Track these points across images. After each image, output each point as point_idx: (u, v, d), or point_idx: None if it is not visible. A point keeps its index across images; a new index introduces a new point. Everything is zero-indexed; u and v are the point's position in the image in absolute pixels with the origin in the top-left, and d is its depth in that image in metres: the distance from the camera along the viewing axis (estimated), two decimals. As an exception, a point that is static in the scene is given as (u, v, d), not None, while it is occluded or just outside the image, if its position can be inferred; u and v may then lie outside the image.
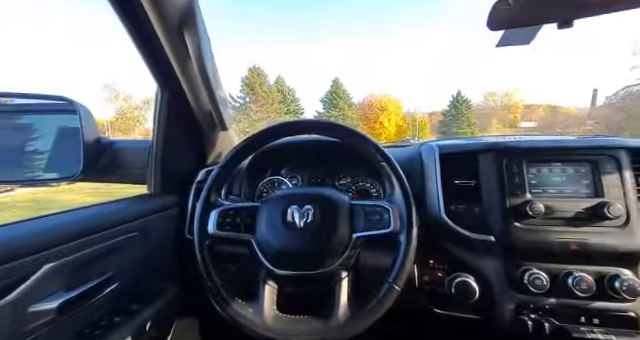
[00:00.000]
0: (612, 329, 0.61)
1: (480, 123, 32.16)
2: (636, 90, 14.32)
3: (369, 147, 0.63)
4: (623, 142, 0.69)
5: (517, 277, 0.66)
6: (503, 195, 0.69)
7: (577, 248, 0.63)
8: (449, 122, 31.59)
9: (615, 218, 0.62)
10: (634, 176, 0.67)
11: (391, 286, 0.53)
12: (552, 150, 0.70)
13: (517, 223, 0.67)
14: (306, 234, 0.57)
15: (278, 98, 30.75)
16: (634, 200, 0.64)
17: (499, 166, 0.71)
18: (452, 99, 31.95)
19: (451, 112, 31.85)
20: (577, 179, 0.68)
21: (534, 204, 0.65)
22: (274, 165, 1.00)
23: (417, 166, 0.83)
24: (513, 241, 0.67)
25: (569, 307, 0.64)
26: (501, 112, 35.17)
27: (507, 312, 0.66)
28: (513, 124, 32.60)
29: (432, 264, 0.75)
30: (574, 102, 33.11)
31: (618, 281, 0.61)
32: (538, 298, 0.65)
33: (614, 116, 15.52)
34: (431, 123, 37.36)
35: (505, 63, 56.28)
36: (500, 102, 35.69)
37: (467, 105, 31.61)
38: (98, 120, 18.49)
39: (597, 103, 21.61)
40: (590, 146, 0.69)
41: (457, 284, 0.68)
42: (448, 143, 0.81)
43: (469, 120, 30.89)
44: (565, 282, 0.63)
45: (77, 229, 0.54)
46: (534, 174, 0.70)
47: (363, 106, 33.23)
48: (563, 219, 0.66)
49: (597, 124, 16.95)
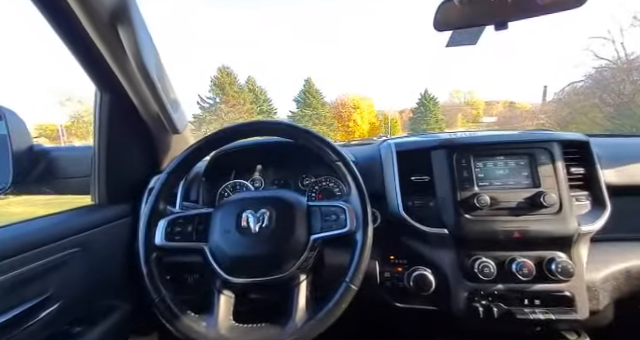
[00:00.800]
0: (551, 308, 0.67)
1: (447, 119, 33.88)
2: (579, 86, 15.86)
3: (323, 146, 0.63)
4: (555, 136, 0.75)
5: (469, 266, 0.69)
6: (454, 189, 0.72)
7: (519, 236, 0.68)
8: (419, 119, 32.89)
9: (550, 206, 0.68)
10: (565, 167, 0.73)
11: (348, 286, 0.53)
12: (495, 145, 0.75)
13: (467, 215, 0.70)
14: (261, 239, 0.56)
15: (250, 98, 30.09)
16: (566, 189, 0.70)
17: (449, 161, 0.74)
18: (420, 97, 33.28)
19: (420, 110, 33.17)
20: (518, 171, 0.73)
21: (481, 196, 0.69)
22: (236, 168, 0.97)
23: (377, 164, 0.85)
24: (464, 232, 0.70)
25: (514, 291, 0.68)
26: (465, 108, 37.30)
27: (461, 300, 0.69)
28: (476, 119, 34.71)
29: (393, 259, 0.77)
30: (529, 98, 35.94)
31: (554, 264, 0.66)
32: (487, 285, 0.69)
33: (561, 111, 17.07)
34: (402, 120, 38.70)
35: (468, 62, 59.67)
36: (464, 99, 37.84)
37: (434, 102, 33.10)
38: (48, 125, 17.10)
39: (548, 98, 23.59)
40: (527, 140, 0.75)
41: (415, 277, 0.71)
42: (404, 141, 0.83)
43: (437, 117, 32.38)
44: (510, 268, 0.67)
45: (9, 246, 0.49)
46: (480, 168, 0.74)
47: (336, 105, 33.56)
48: (507, 209, 0.70)
49: (548, 118, 18.53)
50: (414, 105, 34.42)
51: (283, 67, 62.30)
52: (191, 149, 0.62)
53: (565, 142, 0.74)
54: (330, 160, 0.63)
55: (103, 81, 0.68)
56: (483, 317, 0.67)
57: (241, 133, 0.64)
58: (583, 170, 0.73)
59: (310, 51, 65.35)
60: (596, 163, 0.74)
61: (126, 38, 0.57)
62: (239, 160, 0.95)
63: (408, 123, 35.70)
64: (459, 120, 35.85)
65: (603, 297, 0.68)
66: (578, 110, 15.20)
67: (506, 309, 0.67)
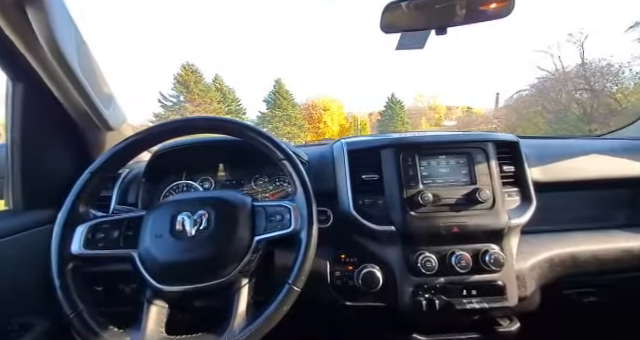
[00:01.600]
0: (486, 297, 0.71)
1: (412, 122, 35.54)
2: (525, 94, 17.60)
3: (269, 145, 0.61)
4: (490, 136, 0.81)
5: (413, 262, 0.71)
6: (400, 187, 0.74)
7: (458, 230, 0.72)
8: (386, 121, 34.11)
9: (485, 201, 0.72)
10: (499, 165, 0.79)
11: (290, 287, 0.52)
12: (438, 144, 0.79)
13: (412, 212, 0.73)
14: (199, 242, 0.53)
15: (217, 97, 28.99)
16: (498, 185, 0.75)
17: (397, 160, 0.76)
18: (387, 100, 34.58)
19: (387, 112, 34.44)
20: (458, 169, 0.77)
21: (424, 193, 0.72)
22: (182, 168, 0.91)
23: (329, 163, 0.85)
24: (410, 229, 0.73)
25: (454, 283, 0.72)
26: (429, 112, 39.44)
27: (406, 295, 0.71)
28: (438, 123, 36.85)
29: (344, 258, 0.77)
30: (484, 104, 39.08)
31: (488, 255, 0.70)
32: (430, 279, 0.71)
33: (511, 116, 18.78)
34: (371, 122, 39.83)
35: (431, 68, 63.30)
36: (427, 103, 40.01)
37: (400, 106, 34.58)
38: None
39: (499, 105, 25.77)
40: (465, 140, 0.80)
41: (363, 275, 0.71)
42: (355, 140, 0.85)
43: (403, 120, 33.84)
44: (450, 261, 0.71)
45: None
46: (425, 166, 0.77)
47: (307, 106, 33.62)
48: (448, 205, 0.74)
49: (500, 122, 20.27)
50: (382, 108, 35.69)
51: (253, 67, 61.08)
52: (118, 148, 0.57)
53: (498, 142, 0.80)
54: (277, 159, 0.61)
55: (15, 69, 0.60)
56: (426, 310, 0.69)
57: (175, 131, 0.60)
58: (513, 168, 0.80)
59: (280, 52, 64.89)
60: (524, 162, 0.80)
61: (36, 21, 0.50)
62: (188, 159, 0.90)
63: (377, 125, 36.85)
64: (423, 123, 37.81)
65: (530, 284, 0.74)
66: (524, 116, 16.83)
67: (447, 301, 0.70)
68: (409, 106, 38.02)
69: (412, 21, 0.75)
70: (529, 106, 16.92)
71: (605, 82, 13.55)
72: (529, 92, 17.31)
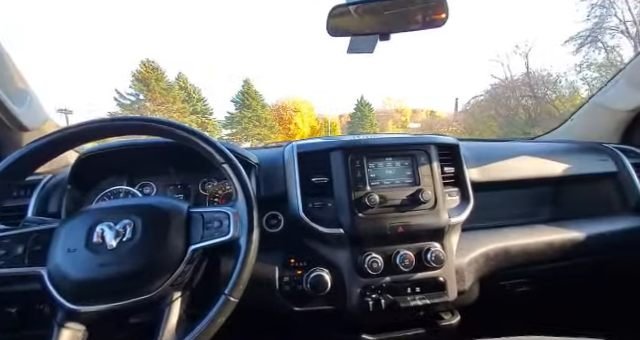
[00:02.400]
0: (428, 293, 0.74)
1: (380, 124, 36.77)
2: (480, 100, 19.09)
3: (208, 147, 0.58)
4: (432, 139, 0.85)
5: (361, 263, 0.72)
6: (349, 189, 0.75)
7: (403, 230, 0.74)
8: (356, 123, 34.91)
9: (427, 202, 0.76)
10: (440, 166, 0.83)
11: (226, 298, 0.49)
12: (385, 147, 0.81)
13: (360, 214, 0.74)
14: (121, 255, 0.48)
15: (181, 97, 27.54)
16: (440, 186, 0.79)
17: (345, 163, 0.77)
18: (357, 103, 35.43)
19: (357, 114, 35.27)
20: (403, 171, 0.80)
21: (371, 195, 0.73)
22: (121, 172, 0.84)
23: (280, 166, 0.83)
24: (358, 231, 0.73)
25: (399, 282, 0.74)
26: (396, 115, 41.08)
27: (354, 297, 0.72)
28: (404, 125, 38.52)
29: (293, 263, 0.76)
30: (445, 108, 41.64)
31: (430, 253, 0.74)
32: (377, 279, 0.73)
33: (469, 120, 20.25)
34: (341, 124, 40.50)
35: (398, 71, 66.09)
36: (395, 106, 41.67)
37: (369, 108, 35.63)
38: None
39: (459, 109, 27.64)
40: (410, 143, 0.83)
41: (312, 279, 0.71)
42: (306, 142, 0.84)
43: (372, 122, 34.89)
44: (395, 261, 0.73)
45: None
46: (372, 168, 0.78)
47: (277, 107, 33.28)
48: (393, 206, 0.76)
49: (459, 125, 21.73)
50: (352, 110, 36.45)
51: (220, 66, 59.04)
52: (27, 150, 0.50)
53: (440, 145, 0.84)
54: (216, 162, 0.58)
55: None
56: (373, 310, 0.71)
57: (99, 131, 0.54)
58: (453, 169, 0.84)
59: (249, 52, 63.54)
60: (463, 163, 0.85)
61: None
62: (126, 162, 0.83)
63: (347, 127, 37.58)
64: (390, 125, 39.32)
65: (468, 278, 0.79)
66: (480, 120, 18.23)
67: (392, 299, 0.72)
68: (378, 109, 39.30)
69: (356, 26, 0.76)
70: (484, 110, 18.37)
71: (546, 90, 15.18)
72: (484, 97, 18.81)
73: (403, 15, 0.75)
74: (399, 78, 63.12)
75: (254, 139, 28.74)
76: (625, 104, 0.97)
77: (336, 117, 41.29)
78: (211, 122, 29.60)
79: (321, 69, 67.75)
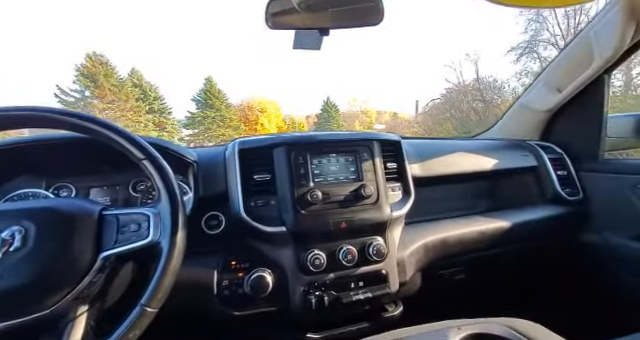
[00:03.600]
0: (371, 287, 0.76)
1: (347, 125, 37.54)
2: (437, 103, 20.40)
3: (124, 142, 0.52)
4: (375, 135, 0.87)
5: (304, 261, 0.71)
6: (292, 186, 0.74)
7: (346, 226, 0.74)
8: (323, 124, 35.23)
9: (369, 197, 0.77)
10: (383, 162, 0.85)
11: (142, 309, 0.44)
12: (329, 143, 0.81)
13: (303, 211, 0.73)
14: (7, 268, 0.41)
15: (135, 94, 25.45)
16: (382, 181, 0.81)
17: (288, 159, 0.75)
18: (323, 103, 35.79)
19: (324, 115, 35.62)
20: (347, 167, 0.80)
21: (314, 192, 0.72)
22: (32, 172, 0.74)
23: (221, 164, 0.80)
24: (300, 228, 0.72)
25: (342, 277, 0.74)
26: (361, 116, 42.26)
27: (298, 295, 0.71)
28: (369, 126, 39.77)
29: (234, 265, 0.72)
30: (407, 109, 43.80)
31: (372, 247, 0.75)
32: (320, 276, 0.72)
33: (428, 121, 21.52)
34: (308, 125, 40.61)
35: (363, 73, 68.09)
36: (360, 107, 42.85)
37: (336, 109, 36.18)
38: None
39: (419, 111, 29.27)
40: (353, 139, 0.84)
41: (252, 281, 0.68)
42: (248, 139, 0.81)
43: (338, 122, 35.47)
44: (338, 256, 0.73)
45: None
46: (316, 165, 0.78)
47: (242, 108, 32.36)
48: (337, 202, 0.76)
49: (419, 127, 23.00)
50: (318, 111, 36.74)
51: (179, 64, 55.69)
52: None
53: (383, 141, 0.86)
54: (136, 158, 0.53)
55: None
56: (315, 308, 0.70)
57: None
58: (396, 165, 0.87)
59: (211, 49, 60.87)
60: (405, 159, 0.89)
61: None
62: (40, 160, 0.72)
63: (314, 128, 37.77)
64: (357, 126, 40.36)
65: (409, 270, 0.82)
66: (437, 121, 19.48)
67: (336, 296, 0.72)
68: (344, 110, 40.07)
69: (295, 20, 0.75)
70: (441, 113, 19.66)
71: (493, 94, 16.71)
72: (440, 101, 20.13)
73: (342, 12, 0.76)
74: (363, 80, 65.10)
75: (218, 140, 27.59)
76: (543, 105, 1.09)
77: (303, 118, 41.35)
78: (170, 122, 27.81)
79: (288, 69, 67.32)
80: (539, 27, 15.66)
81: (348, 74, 65.73)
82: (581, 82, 0.95)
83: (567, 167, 1.07)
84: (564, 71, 1.00)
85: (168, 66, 50.07)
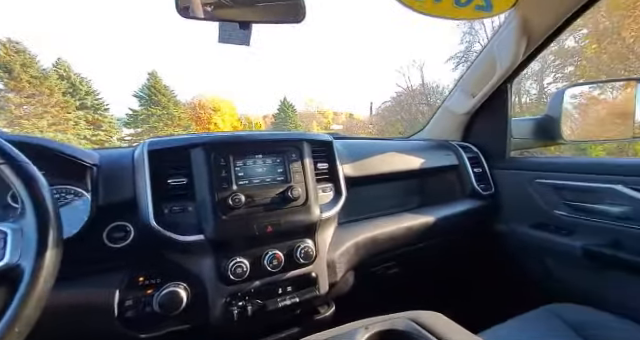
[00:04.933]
0: (299, 291, 0.74)
1: (304, 125, 37.66)
2: (389, 105, 21.64)
3: None
4: (305, 136, 0.85)
5: (225, 270, 0.67)
6: (212, 190, 0.68)
7: (272, 229, 0.72)
8: (280, 124, 34.81)
9: (297, 199, 0.75)
10: (313, 163, 0.84)
11: None
12: (253, 144, 0.77)
13: (224, 216, 0.68)
14: None
15: (62, 87, 22.20)
16: (312, 182, 0.80)
17: (208, 161, 0.70)
18: (280, 103, 35.39)
19: (281, 115, 35.23)
20: (274, 168, 0.78)
21: (237, 195, 0.68)
22: None
23: (128, 168, 0.70)
24: (221, 235, 0.67)
25: (269, 284, 0.71)
26: (318, 116, 42.77)
27: (219, 308, 0.66)
28: (327, 127, 40.49)
29: (142, 281, 0.64)
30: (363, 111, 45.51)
31: (299, 250, 0.73)
32: (243, 285, 0.68)
33: (381, 122, 22.67)
34: (266, 125, 39.80)
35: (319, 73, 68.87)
36: (317, 108, 43.33)
37: (293, 109, 36.04)
38: None
39: (373, 112, 30.66)
40: (281, 139, 0.81)
41: (162, 297, 0.61)
42: (160, 139, 0.73)
43: (295, 123, 35.38)
44: (263, 263, 0.70)
45: None
46: (241, 167, 0.74)
47: (193, 106, 30.41)
48: (263, 205, 0.73)
49: (374, 127, 24.10)
50: (275, 111, 36.20)
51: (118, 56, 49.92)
52: None
53: (313, 142, 0.86)
54: None
55: None
56: (238, 319, 0.66)
57: None
58: (327, 165, 0.87)
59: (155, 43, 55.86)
60: (336, 160, 0.89)
61: None
62: None
63: (271, 128, 37.09)
64: (314, 127, 40.73)
65: (340, 270, 0.83)
66: (390, 123, 20.64)
67: (260, 304, 0.69)
68: (301, 110, 40.17)
69: (213, 10, 0.70)
70: (392, 115, 20.87)
71: (436, 99, 18.23)
72: (391, 103, 21.36)
73: (262, 7, 0.73)
74: (320, 81, 66.01)
75: (166, 140, 25.40)
76: (461, 108, 1.20)
77: (260, 117, 40.43)
78: (107, 119, 24.83)
79: (244, 68, 65.07)
80: (472, 39, 17.56)
81: (305, 75, 66.00)
82: (488, 89, 1.07)
83: (482, 165, 1.19)
84: (475, 79, 1.11)
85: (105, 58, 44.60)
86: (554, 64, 11.94)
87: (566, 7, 0.82)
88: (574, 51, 11.09)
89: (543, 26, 0.87)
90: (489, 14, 0.89)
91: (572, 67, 11.19)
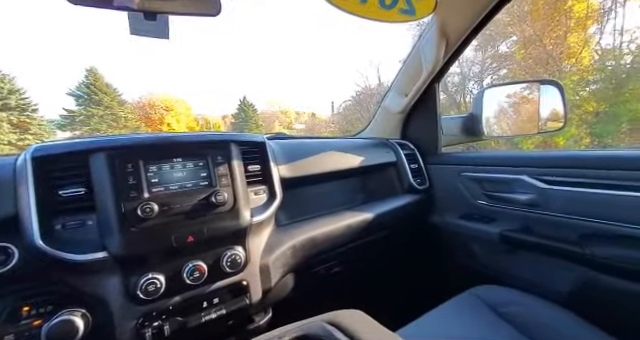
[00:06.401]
0: (228, 302, 0.70)
1: (266, 125, 36.94)
2: (349, 104, 22.19)
3: None
4: (232, 137, 0.81)
5: (135, 289, 0.60)
6: (117, 200, 0.61)
7: (193, 239, 0.66)
8: (240, 124, 33.69)
9: (223, 204, 0.70)
10: (244, 165, 0.80)
11: None
12: (171, 146, 0.71)
13: (133, 228, 0.61)
14: None
15: (-26, 84, 18.93)
16: (241, 186, 0.76)
17: (111, 167, 0.62)
18: (240, 103, 34.24)
19: (241, 115, 34.10)
20: (197, 172, 0.72)
21: (147, 204, 0.61)
22: None
23: (9, 179, 0.59)
24: (129, 250, 0.60)
25: (191, 298, 0.66)
26: (281, 116, 42.27)
27: (128, 333, 0.59)
28: (289, 126, 40.22)
29: (28, 311, 0.55)
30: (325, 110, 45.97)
31: (225, 258, 0.69)
32: (159, 303, 0.62)
33: (342, 121, 23.15)
34: (225, 125, 38.26)
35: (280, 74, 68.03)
36: (279, 108, 42.79)
37: (253, 109, 35.13)
38: None
39: (335, 111, 31.17)
40: (204, 141, 0.76)
41: (52, 329, 0.53)
42: (49, 144, 0.63)
43: (257, 123, 34.54)
44: (182, 276, 0.64)
45: None
46: (155, 172, 0.67)
47: (142, 105, 28.02)
48: (182, 213, 0.66)
49: (335, 126, 24.52)
50: (235, 111, 34.94)
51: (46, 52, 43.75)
52: None
53: (242, 143, 0.81)
54: None
55: None
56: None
57: None
58: (259, 167, 0.84)
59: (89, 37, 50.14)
60: (270, 160, 0.86)
61: None
62: None
63: (231, 128, 35.74)
64: (277, 126, 40.14)
65: (275, 274, 0.80)
66: (350, 122, 21.17)
67: (181, 321, 0.63)
68: (262, 110, 39.35)
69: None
70: (353, 114, 21.43)
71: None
72: (351, 102, 21.92)
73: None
74: (281, 81, 65.24)
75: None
76: (396, 107, 1.25)
77: (219, 118, 38.73)
78: (36, 121, 21.76)
79: (199, 66, 61.52)
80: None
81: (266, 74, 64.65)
82: (417, 89, 1.13)
83: (418, 161, 1.25)
84: (407, 79, 1.17)
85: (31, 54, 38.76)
86: (492, 67, 13.28)
87: (476, 12, 0.89)
88: (507, 55, 12.46)
89: (459, 29, 0.94)
90: (413, 18, 0.93)
91: (505, 70, 12.54)
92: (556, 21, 10.18)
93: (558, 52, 9.84)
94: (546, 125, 1.18)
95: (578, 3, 9.88)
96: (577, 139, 8.26)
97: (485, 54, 13.44)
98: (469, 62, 13.81)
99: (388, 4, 0.88)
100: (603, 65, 8.85)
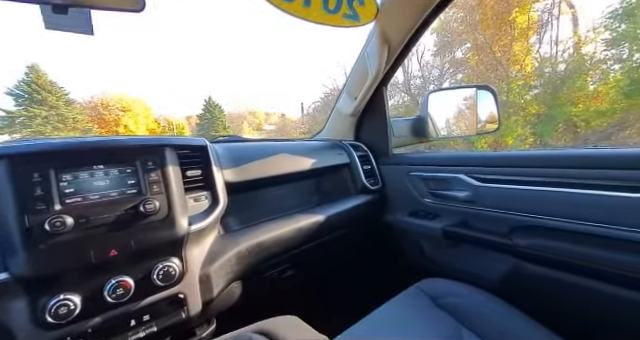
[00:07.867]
0: (160, 319, 0.65)
1: (234, 126, 35.89)
2: (318, 105, 22.36)
3: None
4: (167, 140, 0.76)
5: (43, 313, 0.53)
6: (20, 214, 0.53)
7: (117, 253, 0.60)
8: (207, 125, 32.35)
9: (155, 213, 0.65)
10: (182, 170, 0.75)
11: None
12: (90, 152, 0.64)
13: (42, 245, 0.54)
14: None
15: None
16: (177, 192, 0.71)
17: (12, 178, 0.54)
18: (205, 103, 32.86)
19: (207, 116, 32.74)
20: (123, 180, 0.66)
21: (58, 217, 0.54)
22: None
23: None
24: (37, 269, 0.53)
25: (114, 318, 0.60)
26: (249, 117, 41.36)
27: None
28: (259, 127, 39.51)
29: None
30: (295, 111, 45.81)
31: (157, 271, 0.64)
32: (74, 326, 0.56)
33: (312, 122, 23.26)
34: (190, 126, 36.54)
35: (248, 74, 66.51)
36: (247, 108, 41.82)
37: (220, 110, 33.89)
38: None
39: (305, 112, 31.20)
40: (132, 146, 0.70)
41: None
42: None
43: (224, 124, 33.37)
44: (103, 295, 0.59)
45: None
46: (70, 181, 0.60)
47: (94, 106, 25.73)
48: (105, 225, 0.61)
49: (305, 127, 24.56)
50: (200, 111, 33.46)
51: (-24, 38, 38.21)
52: None
53: (179, 147, 0.77)
54: None
55: None
56: None
57: None
58: (200, 172, 0.79)
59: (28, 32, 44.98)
60: (212, 165, 0.82)
61: None
62: None
63: (196, 129, 34.18)
64: (245, 127, 39.17)
65: (217, 283, 0.76)
66: (320, 122, 21.35)
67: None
68: (229, 110, 38.19)
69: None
70: (322, 114, 21.63)
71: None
72: (320, 104, 22.11)
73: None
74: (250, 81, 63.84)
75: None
76: (347, 110, 1.27)
77: (183, 118, 36.86)
78: (-38, 124, 19.02)
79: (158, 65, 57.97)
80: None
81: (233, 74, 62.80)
82: (365, 92, 1.16)
83: (371, 162, 1.28)
84: (356, 82, 1.19)
85: (-48, 41, 33.52)
86: (449, 71, 14.19)
87: (413, 20, 0.93)
88: (462, 61, 13.40)
89: (399, 36, 0.98)
90: (358, 23, 0.95)
91: (461, 74, 13.48)
92: (503, 30, 11.16)
93: (506, 59, 10.79)
94: (485, 127, 1.28)
95: (521, 15, 10.94)
96: (523, 138, 9.13)
97: (443, 59, 14.34)
98: (429, 66, 14.65)
99: (332, 9, 0.89)
100: (542, 71, 9.88)
